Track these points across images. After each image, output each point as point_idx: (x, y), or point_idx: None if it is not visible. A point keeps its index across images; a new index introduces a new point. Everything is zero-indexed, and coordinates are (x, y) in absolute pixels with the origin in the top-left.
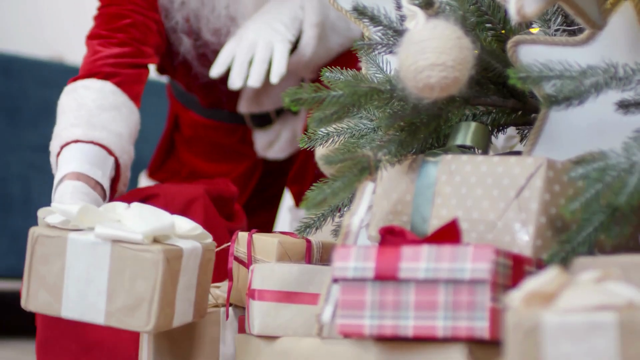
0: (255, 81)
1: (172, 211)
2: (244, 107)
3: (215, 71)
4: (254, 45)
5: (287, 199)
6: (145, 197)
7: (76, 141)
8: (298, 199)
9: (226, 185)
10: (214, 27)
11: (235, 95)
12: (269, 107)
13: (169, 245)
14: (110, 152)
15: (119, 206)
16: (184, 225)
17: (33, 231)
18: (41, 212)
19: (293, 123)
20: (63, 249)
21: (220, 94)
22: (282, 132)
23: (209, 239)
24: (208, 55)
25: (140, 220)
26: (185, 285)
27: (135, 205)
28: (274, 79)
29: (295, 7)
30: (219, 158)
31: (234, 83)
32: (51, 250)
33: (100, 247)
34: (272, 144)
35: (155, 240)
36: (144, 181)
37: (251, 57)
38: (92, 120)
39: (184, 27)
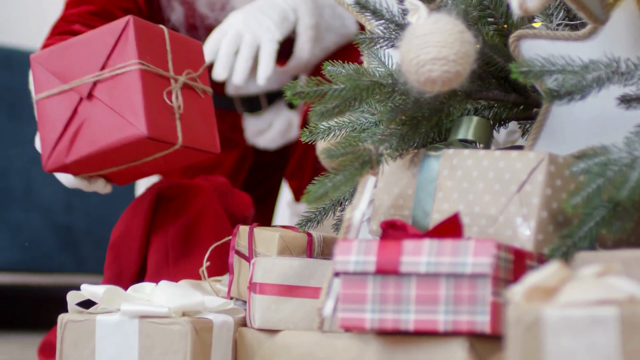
0: (239, 79)
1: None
2: (231, 88)
3: None
4: (240, 38)
5: (286, 193)
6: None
7: None
8: (297, 194)
9: (241, 206)
10: (209, 0)
11: None
12: (255, 89)
13: (197, 318)
14: None
15: (147, 286)
16: (215, 301)
17: (61, 318)
18: (70, 297)
19: (289, 115)
20: (92, 332)
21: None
22: (275, 122)
23: (242, 314)
24: (198, 27)
25: (168, 297)
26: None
27: (163, 283)
28: (261, 81)
29: (287, 8)
30: None
31: (219, 74)
32: (80, 335)
33: (127, 325)
34: (262, 132)
35: (184, 315)
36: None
37: (236, 48)
38: None
39: None
